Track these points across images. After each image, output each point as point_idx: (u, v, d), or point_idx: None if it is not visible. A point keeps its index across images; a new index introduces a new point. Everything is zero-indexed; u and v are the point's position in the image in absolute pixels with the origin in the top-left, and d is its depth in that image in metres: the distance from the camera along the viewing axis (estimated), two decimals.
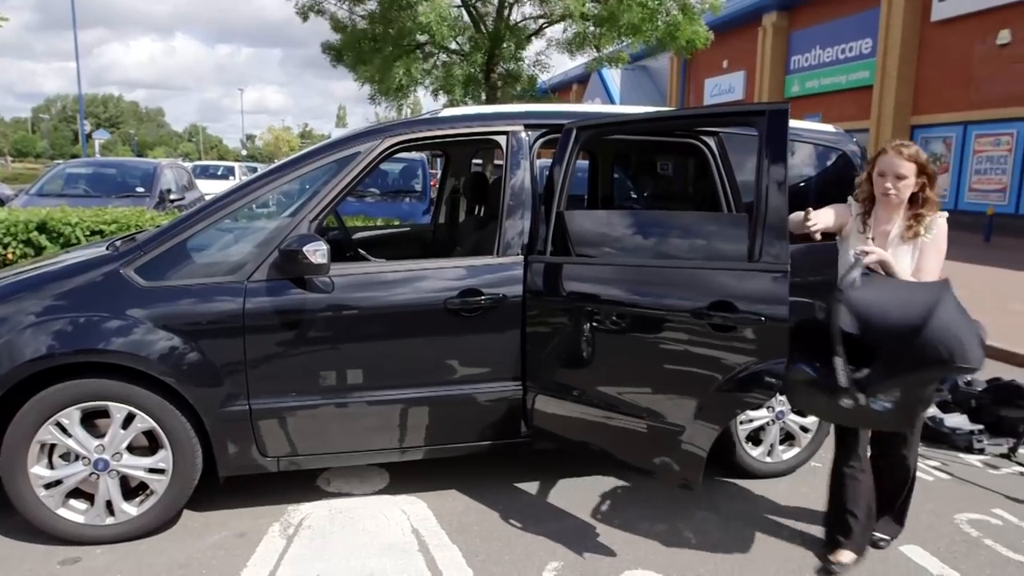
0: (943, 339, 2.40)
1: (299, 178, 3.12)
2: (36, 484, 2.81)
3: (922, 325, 2.41)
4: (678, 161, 5.11)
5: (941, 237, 2.76)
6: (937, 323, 2.41)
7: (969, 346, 2.42)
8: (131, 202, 8.63)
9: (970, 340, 2.43)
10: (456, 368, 3.15)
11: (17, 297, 2.87)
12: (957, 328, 2.43)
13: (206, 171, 19.26)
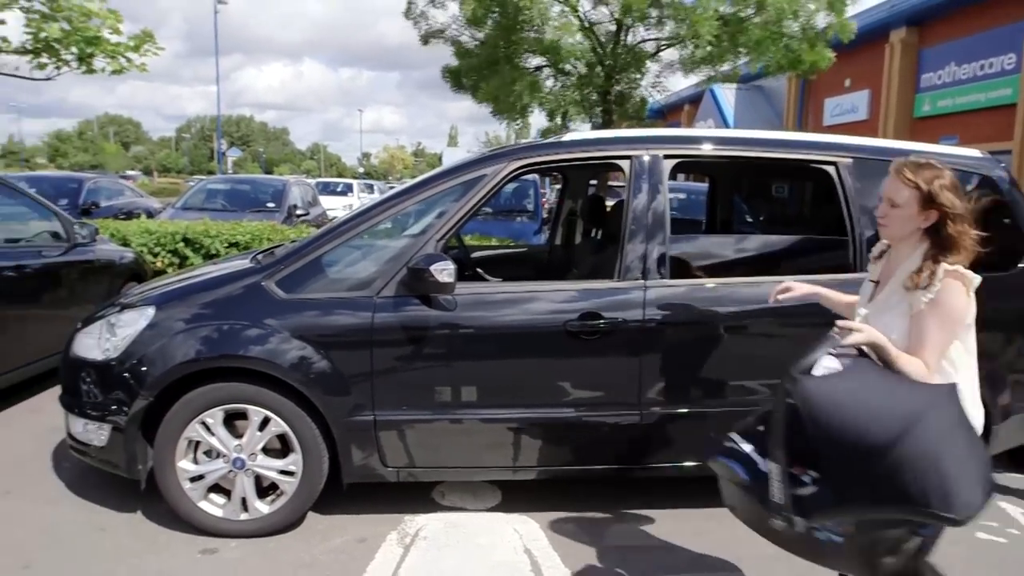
0: (916, 472, 1.71)
1: (427, 199, 3.25)
2: (182, 477, 3.04)
3: (889, 446, 1.72)
4: (800, 185, 4.95)
5: (948, 303, 1.98)
6: (912, 448, 1.72)
7: (957, 487, 1.71)
8: (262, 216, 9.23)
9: (961, 479, 1.72)
10: (572, 391, 3.17)
11: (170, 305, 3.14)
12: (943, 459, 1.73)
13: (327, 187, 20.24)
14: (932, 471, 1.72)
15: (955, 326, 2.01)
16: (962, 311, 2.00)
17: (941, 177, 2.00)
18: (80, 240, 5.18)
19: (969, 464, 1.76)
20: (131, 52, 9.08)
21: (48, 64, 8.88)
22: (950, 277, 1.97)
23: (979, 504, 1.74)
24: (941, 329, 1.99)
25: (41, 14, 8.72)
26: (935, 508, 1.72)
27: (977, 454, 1.81)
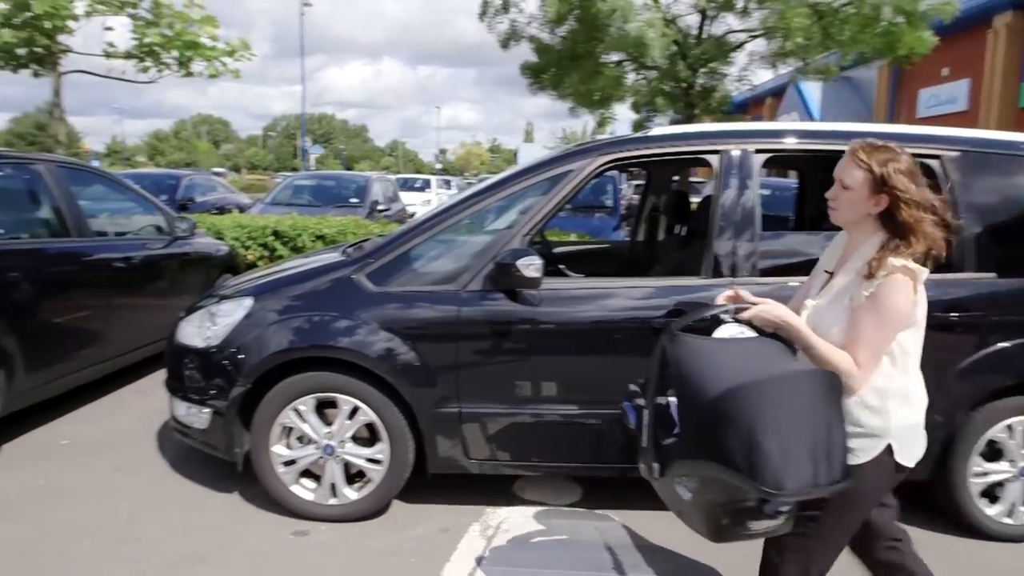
0: (729, 432, 1.68)
1: (513, 195, 3.27)
2: (276, 461, 3.17)
3: (712, 400, 1.71)
4: None
5: (889, 298, 1.84)
6: (730, 408, 1.69)
7: (769, 461, 1.65)
8: (346, 211, 9.49)
9: (780, 457, 1.65)
10: None
11: (266, 296, 3.27)
12: (761, 430, 1.66)
13: (406, 183, 20.65)
14: (745, 437, 1.67)
15: (894, 324, 1.88)
16: (903, 308, 1.87)
17: (896, 160, 1.87)
18: (180, 234, 5.46)
19: (800, 445, 1.69)
20: (226, 57, 9.53)
21: (150, 68, 9.44)
22: (896, 271, 1.84)
23: (793, 488, 1.67)
24: (878, 326, 1.87)
25: (145, 21, 9.25)
26: (743, 473, 1.69)
27: (823, 441, 1.72)
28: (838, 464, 1.75)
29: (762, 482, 1.68)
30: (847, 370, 1.87)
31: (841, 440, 1.78)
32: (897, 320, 1.88)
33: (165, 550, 2.96)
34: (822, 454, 1.72)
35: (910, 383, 1.97)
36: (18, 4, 8.18)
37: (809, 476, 1.70)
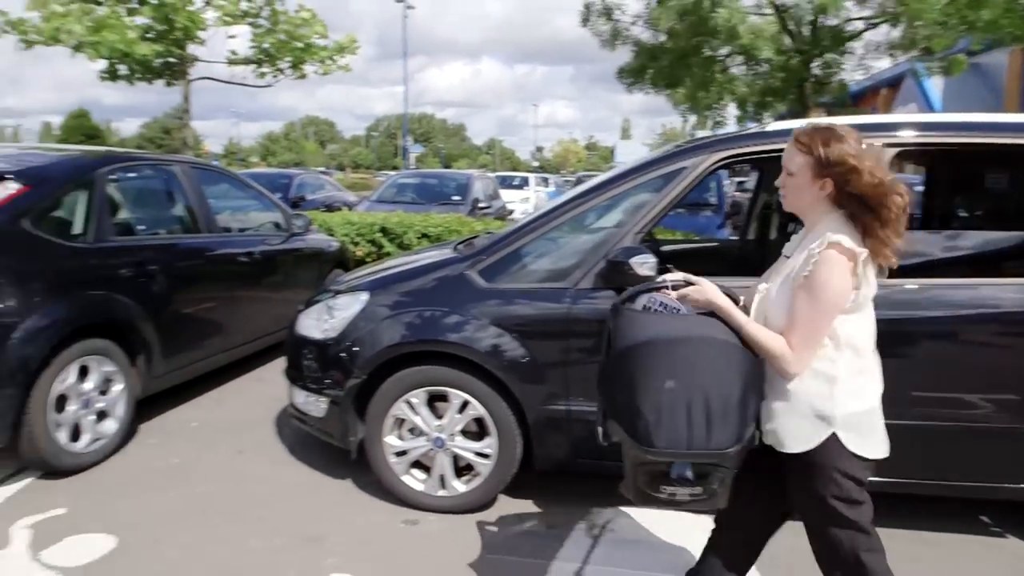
0: (618, 387, 1.81)
1: (625, 192, 3.23)
2: (388, 452, 3.27)
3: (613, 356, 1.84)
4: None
5: (821, 277, 1.79)
6: (623, 367, 1.81)
7: (640, 420, 1.77)
8: (448, 209, 9.68)
9: (663, 416, 1.76)
10: None
11: (382, 291, 3.37)
12: (643, 390, 1.78)
13: (504, 181, 20.84)
14: (628, 394, 1.81)
15: (829, 304, 1.81)
16: (837, 288, 1.80)
17: (839, 141, 1.81)
18: (296, 230, 5.72)
19: (679, 408, 1.77)
20: (335, 55, 9.95)
21: (267, 72, 10.00)
22: (831, 249, 1.79)
23: (663, 447, 1.78)
24: (812, 308, 1.81)
25: (263, 28, 9.80)
26: (626, 427, 1.82)
27: (713, 409, 1.77)
28: (727, 434, 1.79)
29: (635, 437, 1.81)
30: (779, 353, 1.85)
31: (741, 413, 1.81)
32: (832, 300, 1.81)
33: (285, 530, 3.11)
34: (702, 420, 1.78)
35: (858, 370, 1.90)
36: (160, 19, 8.83)
37: (684, 439, 1.78)
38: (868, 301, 1.89)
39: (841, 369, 1.88)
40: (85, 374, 3.62)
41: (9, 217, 3.29)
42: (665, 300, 1.97)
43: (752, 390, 1.86)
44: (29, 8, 8.99)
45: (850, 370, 1.89)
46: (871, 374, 1.94)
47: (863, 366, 1.92)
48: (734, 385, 1.82)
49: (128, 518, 3.18)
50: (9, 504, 3.31)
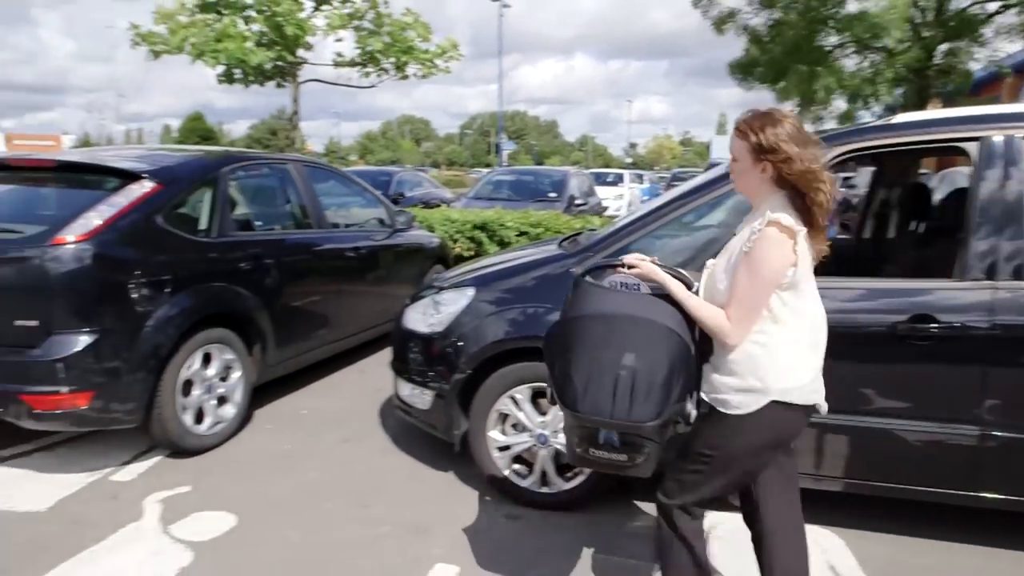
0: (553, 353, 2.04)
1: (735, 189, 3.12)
2: (492, 446, 3.30)
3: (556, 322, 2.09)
4: None
5: (759, 253, 1.89)
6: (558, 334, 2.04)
7: (568, 384, 1.96)
8: (544, 206, 9.69)
9: (583, 383, 1.94)
10: (891, 399, 2.86)
11: (487, 287, 3.41)
12: (576, 357, 1.96)
13: (599, 178, 20.64)
14: (564, 362, 1.99)
15: (766, 279, 1.91)
16: (776, 264, 1.90)
17: (776, 126, 1.91)
18: (400, 226, 5.87)
19: (606, 380, 1.91)
20: (437, 58, 10.16)
21: (371, 73, 10.33)
22: (771, 227, 1.89)
23: (586, 413, 1.94)
24: (750, 282, 1.92)
25: (368, 31, 10.12)
26: (557, 390, 2.01)
27: (639, 383, 1.90)
28: (647, 409, 1.91)
29: (564, 400, 2.00)
30: (718, 326, 1.97)
31: (664, 392, 1.92)
32: (769, 276, 1.91)
33: (391, 518, 3.20)
34: (627, 392, 1.91)
35: (793, 343, 1.99)
36: (272, 28, 9.29)
37: (607, 409, 1.92)
38: (806, 279, 1.98)
39: (777, 342, 1.97)
40: (208, 361, 3.85)
41: (145, 213, 3.54)
42: (627, 280, 2.14)
43: (679, 373, 1.95)
44: (157, 21, 9.68)
45: (786, 343, 1.98)
46: (808, 348, 2.03)
47: (799, 340, 2.00)
48: (661, 366, 1.93)
49: (246, 499, 3.36)
50: (142, 479, 3.56)
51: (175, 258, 3.66)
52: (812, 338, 2.03)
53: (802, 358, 2.02)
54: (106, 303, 3.33)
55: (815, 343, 2.04)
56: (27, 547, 2.93)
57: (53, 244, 3.23)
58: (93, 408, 3.33)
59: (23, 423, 3.33)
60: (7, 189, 3.99)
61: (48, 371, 3.20)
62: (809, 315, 2.02)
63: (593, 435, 2.03)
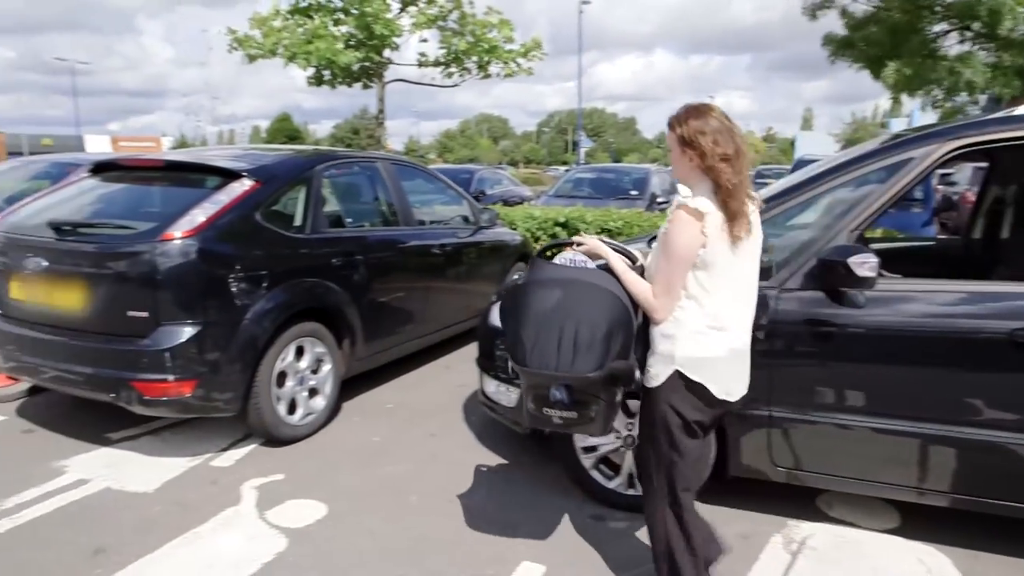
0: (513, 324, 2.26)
1: (839, 185, 2.99)
2: (578, 446, 3.28)
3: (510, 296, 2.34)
4: None
5: (670, 234, 2.15)
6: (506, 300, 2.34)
7: (517, 344, 2.22)
8: (625, 204, 9.57)
9: (530, 342, 2.18)
10: (1008, 411, 2.67)
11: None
12: (524, 320, 2.22)
13: None
14: (515, 323, 2.23)
15: (678, 258, 2.12)
16: (684, 243, 2.10)
17: (699, 119, 2.12)
18: (484, 223, 5.91)
19: (551, 337, 2.13)
20: (520, 58, 10.18)
21: (454, 73, 10.45)
22: (680, 210, 2.11)
23: (534, 367, 2.16)
24: (665, 260, 2.16)
25: (452, 31, 10.24)
26: (509, 349, 2.23)
27: (580, 340, 2.11)
28: (589, 362, 2.13)
29: (515, 358, 2.22)
30: (645, 300, 2.21)
31: (604, 346, 2.13)
32: (680, 255, 2.12)
33: (477, 514, 3.22)
34: (570, 346, 2.12)
35: (705, 319, 2.17)
36: (361, 28, 9.55)
37: (552, 362, 2.14)
38: (723, 260, 2.14)
39: (688, 317, 2.18)
40: (301, 354, 3.98)
41: (245, 211, 3.68)
42: (576, 257, 2.36)
43: (618, 332, 2.16)
44: (253, 27, 10.10)
45: (696, 319, 2.18)
46: (722, 326, 2.19)
47: (713, 316, 2.18)
48: (601, 323, 2.15)
49: (336, 489, 3.45)
50: (239, 466, 3.70)
51: (272, 253, 3.79)
52: (728, 317, 2.20)
53: (712, 336, 2.19)
54: (209, 296, 3.49)
55: (731, 322, 2.21)
56: (137, 526, 3.10)
57: (162, 240, 3.40)
58: (196, 396, 3.49)
59: (133, 408, 3.52)
60: (120, 188, 4.23)
61: (157, 360, 3.37)
62: (724, 294, 2.19)
63: (545, 394, 2.25)
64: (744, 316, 2.26)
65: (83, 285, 3.52)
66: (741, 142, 2.14)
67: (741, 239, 2.15)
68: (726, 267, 2.15)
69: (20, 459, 3.76)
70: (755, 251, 2.26)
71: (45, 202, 4.16)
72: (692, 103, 2.22)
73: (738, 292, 2.22)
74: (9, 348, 3.85)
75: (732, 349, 2.21)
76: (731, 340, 2.21)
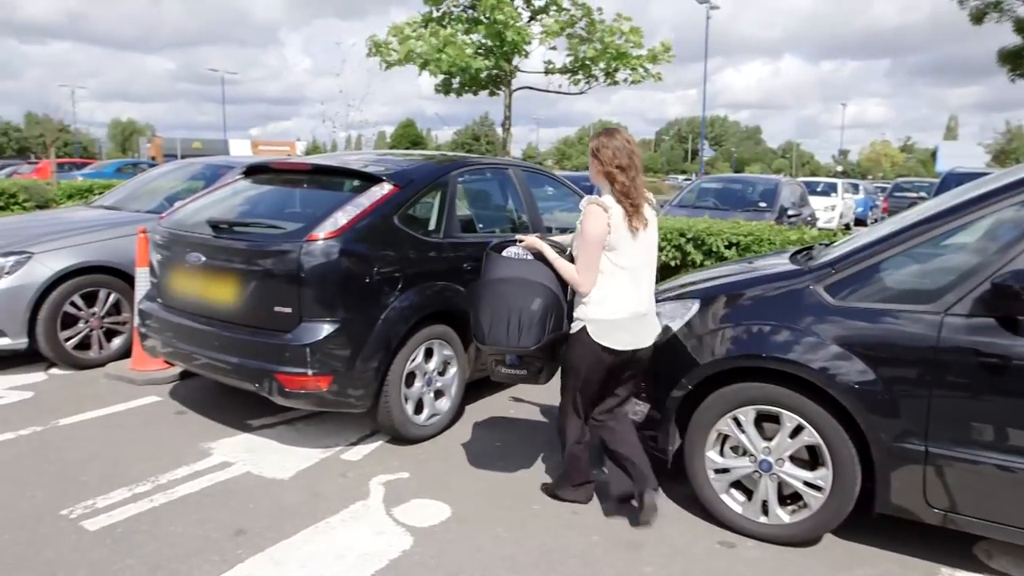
0: (473, 312, 3.06)
1: (1016, 203, 2.72)
2: (708, 467, 3.15)
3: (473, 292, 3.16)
4: None
5: (585, 223, 2.94)
6: (477, 296, 3.08)
7: (478, 323, 3.02)
8: (752, 216, 9.19)
9: (489, 322, 2.98)
10: None
11: (714, 301, 3.25)
12: (481, 305, 3.02)
13: (807, 187, 19.36)
14: (474, 311, 3.06)
15: (589, 242, 2.91)
16: (592, 231, 2.90)
17: (606, 138, 3.01)
18: None
19: (502, 320, 2.95)
20: (648, 63, 10.02)
21: (581, 80, 10.43)
22: (591, 204, 2.94)
23: (492, 343, 3.01)
24: (582, 245, 2.95)
25: (580, 37, 10.22)
26: (474, 331, 3.07)
27: (522, 320, 2.93)
28: (530, 338, 2.93)
29: (479, 338, 3.03)
30: (571, 278, 2.98)
31: (541, 326, 2.92)
32: (590, 240, 2.89)
33: (602, 529, 3.16)
34: (516, 327, 2.92)
35: (603, 292, 2.95)
36: (492, 37, 9.72)
37: (504, 340, 2.95)
38: (624, 244, 2.93)
39: (601, 287, 2.96)
40: (429, 356, 4.06)
41: (384, 214, 3.80)
42: (519, 250, 3.11)
43: (551, 314, 2.95)
44: (390, 35, 10.51)
45: (606, 288, 2.96)
46: (617, 296, 2.96)
47: (610, 288, 2.96)
48: (537, 308, 2.93)
49: (459, 491, 3.48)
50: (367, 461, 3.82)
51: (407, 256, 3.89)
52: (623, 290, 2.97)
53: (618, 301, 2.96)
54: (348, 296, 3.62)
55: (626, 294, 2.97)
56: (274, 511, 3.26)
57: (308, 240, 3.56)
58: (331, 391, 3.63)
59: (273, 398, 3.71)
60: (269, 189, 4.49)
61: (299, 354, 3.53)
62: (620, 273, 2.95)
63: (502, 360, 3.18)
64: (641, 288, 3.03)
65: (235, 280, 3.75)
66: (636, 158, 2.98)
67: (639, 230, 2.94)
68: (627, 250, 2.94)
69: (173, 438, 4.05)
70: (651, 240, 3.05)
71: (204, 201, 4.48)
72: (606, 127, 3.15)
73: (635, 268, 2.98)
74: (167, 335, 4.16)
75: (634, 313, 2.99)
76: (636, 306, 3.00)
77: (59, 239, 5.19)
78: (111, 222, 5.65)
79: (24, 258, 4.99)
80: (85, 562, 2.82)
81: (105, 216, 5.96)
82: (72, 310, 5.13)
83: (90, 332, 5.25)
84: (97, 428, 4.18)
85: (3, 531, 3.03)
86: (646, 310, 3.04)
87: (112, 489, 3.41)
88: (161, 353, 4.31)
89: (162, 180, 6.92)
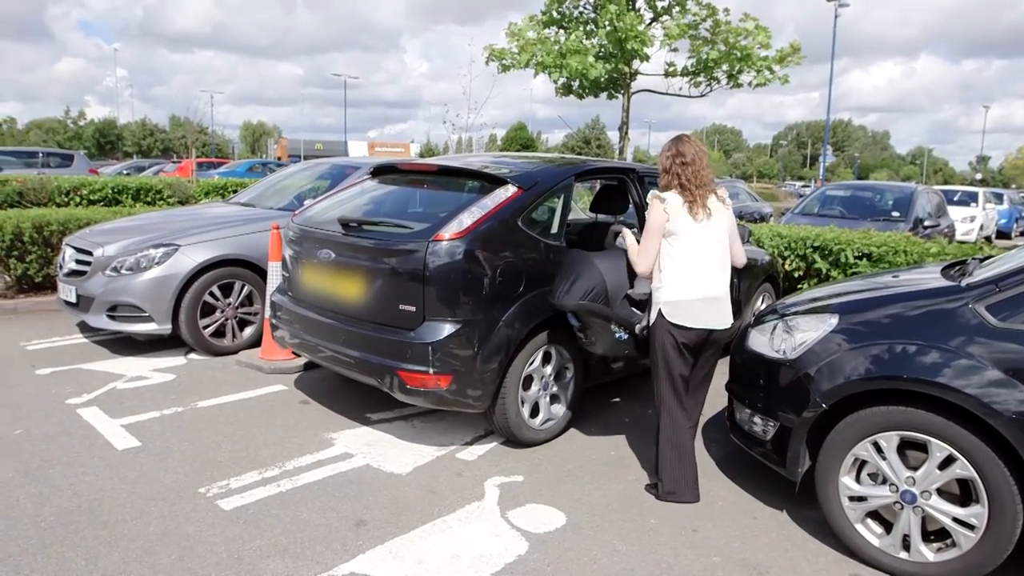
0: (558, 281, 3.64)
1: None
2: (843, 493, 2.96)
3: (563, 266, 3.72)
4: None
5: (648, 212, 3.35)
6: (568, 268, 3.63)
7: (563, 286, 3.53)
8: (884, 226, 8.64)
9: (570, 283, 3.49)
10: None
11: (854, 316, 3.05)
12: (571, 272, 3.56)
13: (944, 196, 18.01)
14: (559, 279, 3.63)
15: (650, 233, 3.32)
16: (653, 218, 3.30)
17: (669, 149, 3.37)
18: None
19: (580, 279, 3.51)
20: (775, 64, 9.59)
21: (702, 82, 10.12)
22: (653, 199, 3.33)
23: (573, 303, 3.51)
24: (645, 236, 3.37)
25: (703, 39, 9.92)
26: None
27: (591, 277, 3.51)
28: (570, 300, 3.52)
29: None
30: (632, 259, 3.47)
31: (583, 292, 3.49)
32: (651, 227, 3.33)
33: (723, 549, 3.03)
34: (565, 290, 3.53)
35: (672, 276, 3.31)
36: (613, 42, 9.62)
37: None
38: (685, 231, 3.26)
39: (665, 273, 3.31)
40: (547, 360, 4.04)
41: (508, 216, 3.80)
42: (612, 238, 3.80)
43: (595, 289, 3.48)
44: (509, 39, 10.59)
45: (668, 273, 3.30)
46: (686, 278, 3.27)
47: (678, 272, 3.28)
48: (586, 279, 3.49)
49: (574, 499, 3.44)
50: (482, 461, 3.85)
51: (529, 258, 3.88)
52: (691, 273, 3.26)
53: (686, 284, 3.26)
54: (471, 296, 3.65)
55: (694, 277, 3.27)
56: (393, 505, 3.33)
57: (433, 240, 3.61)
58: (450, 390, 3.67)
59: (394, 393, 3.79)
60: (396, 190, 4.61)
61: (421, 352, 3.59)
62: (685, 257, 3.27)
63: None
64: (710, 273, 3.30)
65: (362, 277, 3.86)
66: (700, 156, 3.30)
67: (701, 218, 3.25)
68: (689, 235, 3.26)
69: (298, 427, 4.23)
70: (718, 229, 3.32)
71: (334, 200, 4.65)
72: (680, 135, 3.44)
73: (695, 255, 3.27)
74: (295, 327, 4.35)
75: (701, 297, 3.27)
76: (702, 290, 3.27)
77: (201, 233, 5.56)
78: (246, 218, 5.99)
79: (172, 250, 5.38)
80: (221, 539, 2.98)
81: (241, 212, 6.33)
82: (210, 300, 5.48)
83: (225, 321, 5.59)
84: (230, 412, 4.43)
85: (151, 503, 3.25)
86: (716, 294, 3.29)
87: (244, 472, 3.60)
88: (289, 344, 4.50)
89: (292, 179, 7.27)
